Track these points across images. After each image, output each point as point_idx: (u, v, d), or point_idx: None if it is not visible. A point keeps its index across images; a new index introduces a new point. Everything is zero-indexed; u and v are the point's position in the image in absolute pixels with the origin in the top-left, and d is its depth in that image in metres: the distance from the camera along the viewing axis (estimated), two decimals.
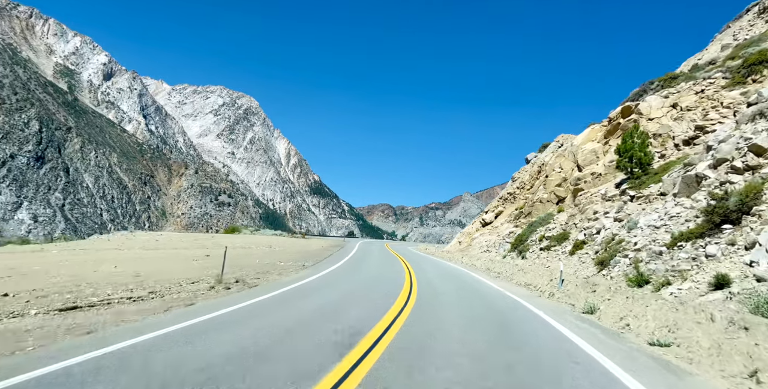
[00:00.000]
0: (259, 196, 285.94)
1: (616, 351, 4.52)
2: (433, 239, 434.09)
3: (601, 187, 15.13)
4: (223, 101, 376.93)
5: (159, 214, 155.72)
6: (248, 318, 5.38)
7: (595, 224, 12.97)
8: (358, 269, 14.19)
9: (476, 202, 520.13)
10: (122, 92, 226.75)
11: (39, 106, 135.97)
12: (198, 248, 18.77)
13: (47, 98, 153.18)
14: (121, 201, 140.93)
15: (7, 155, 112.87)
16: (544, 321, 6.31)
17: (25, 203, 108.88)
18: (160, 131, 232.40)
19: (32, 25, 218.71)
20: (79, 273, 8.67)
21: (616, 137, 17.18)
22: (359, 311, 6.27)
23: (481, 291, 10.04)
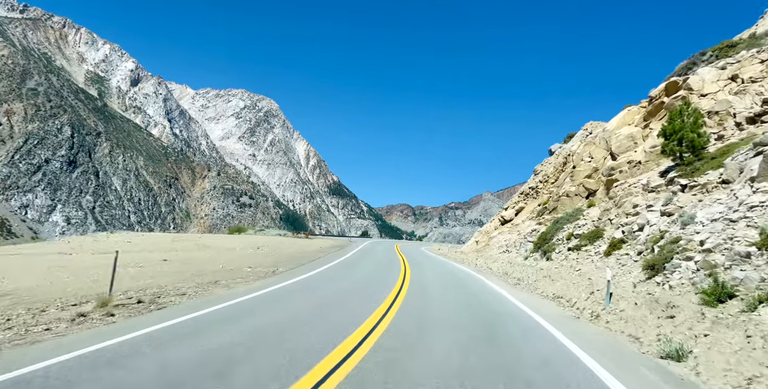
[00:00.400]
0: (279, 197, 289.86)
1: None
2: (453, 239, 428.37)
3: (642, 176, 12.98)
4: (244, 104, 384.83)
5: (183, 215, 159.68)
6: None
7: (636, 220, 11.02)
8: (340, 277, 11.40)
9: (497, 201, 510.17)
10: (148, 97, 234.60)
11: (71, 112, 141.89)
12: (165, 252, 16.01)
13: (79, 105, 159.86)
14: (147, 203, 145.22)
15: (42, 160, 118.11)
16: (601, 382, 3.64)
17: (59, 205, 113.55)
18: (184, 135, 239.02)
19: (65, 35, 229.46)
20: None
21: (658, 118, 14.91)
22: (266, 364, 3.70)
23: (494, 311, 7.40)
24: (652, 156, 13.14)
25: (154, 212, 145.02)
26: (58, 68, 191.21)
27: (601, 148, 18.73)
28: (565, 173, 22.33)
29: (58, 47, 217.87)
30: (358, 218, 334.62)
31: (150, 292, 7.58)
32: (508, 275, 13.66)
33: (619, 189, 13.60)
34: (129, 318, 5.42)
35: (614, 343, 5.21)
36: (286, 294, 8.22)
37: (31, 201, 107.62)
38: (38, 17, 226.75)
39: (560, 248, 14.31)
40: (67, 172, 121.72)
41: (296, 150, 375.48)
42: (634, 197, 12.26)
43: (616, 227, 11.79)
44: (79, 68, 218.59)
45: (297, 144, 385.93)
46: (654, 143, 13.37)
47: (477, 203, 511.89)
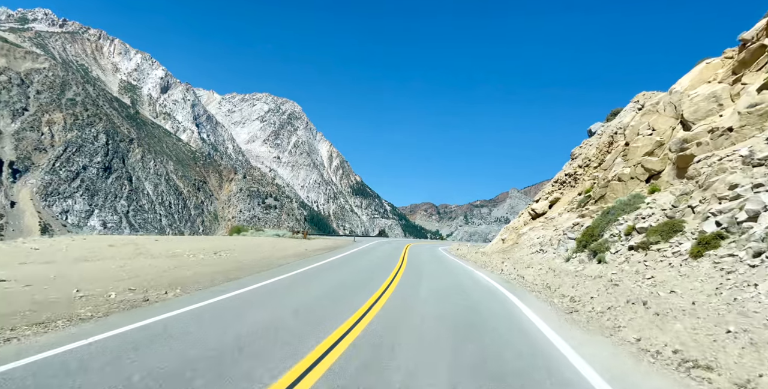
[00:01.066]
0: (303, 198, 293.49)
1: None
2: (479, 237, 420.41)
3: (738, 146, 10.13)
4: (268, 108, 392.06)
5: (212, 218, 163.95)
6: None
7: (743, 205, 8.24)
8: (257, 305, 6.90)
9: (524, 198, 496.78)
10: (177, 104, 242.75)
11: (106, 120, 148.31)
12: (57, 264, 9.72)
13: (113, 113, 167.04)
14: (177, 207, 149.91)
15: (80, 167, 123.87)
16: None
17: (96, 210, 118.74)
18: (211, 139, 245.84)
19: (101, 46, 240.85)
20: None
21: (756, 68, 12.01)
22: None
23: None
24: (752, 119, 10.42)
25: (183, 215, 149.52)
26: (94, 78, 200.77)
27: (667, 116, 14.94)
28: (613, 153, 18.39)
29: (94, 58, 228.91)
30: (381, 218, 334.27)
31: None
32: (552, 290, 9.23)
33: (703, 166, 10.87)
34: None
35: None
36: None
37: (71, 206, 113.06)
38: (76, 30, 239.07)
39: (617, 247, 11.42)
40: (103, 178, 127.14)
41: (319, 151, 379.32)
42: (729, 175, 9.46)
43: (704, 216, 9.11)
44: (113, 78, 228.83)
45: (320, 145, 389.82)
46: (753, 102, 10.64)
47: (503, 200, 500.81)
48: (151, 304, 6.61)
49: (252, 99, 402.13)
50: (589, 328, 5.85)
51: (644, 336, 5.14)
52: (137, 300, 6.88)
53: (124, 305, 6.40)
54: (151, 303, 6.71)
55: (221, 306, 6.62)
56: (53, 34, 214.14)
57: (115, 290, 7.39)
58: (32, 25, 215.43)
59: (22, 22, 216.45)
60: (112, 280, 8.36)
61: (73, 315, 5.53)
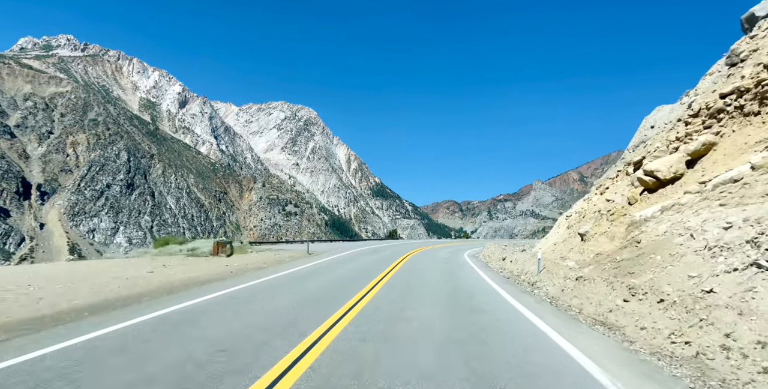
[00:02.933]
0: (324, 203, 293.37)
1: None
2: (505, 232, 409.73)
3: None
4: (284, 115, 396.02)
5: (234, 228, 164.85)
6: None
7: None
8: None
9: (549, 189, 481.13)
10: (195, 117, 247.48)
11: (127, 138, 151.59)
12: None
13: (134, 130, 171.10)
14: (199, 219, 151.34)
15: (104, 186, 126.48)
16: None
17: (121, 227, 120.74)
18: (230, 150, 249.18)
19: (120, 67, 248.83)
20: None
21: None
22: None
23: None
24: None
25: (206, 227, 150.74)
26: (115, 98, 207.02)
27: None
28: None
29: (114, 79, 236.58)
30: (403, 219, 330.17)
31: None
32: None
33: None
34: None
35: None
36: None
37: (97, 225, 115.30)
38: (96, 53, 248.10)
39: None
40: (126, 194, 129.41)
41: (337, 155, 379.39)
42: None
43: None
44: (133, 96, 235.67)
45: (337, 149, 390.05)
46: None
47: (527, 193, 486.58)
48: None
49: (268, 108, 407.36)
50: None
51: None
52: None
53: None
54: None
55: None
56: (75, 58, 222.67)
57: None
58: (56, 51, 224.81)
59: (47, 49, 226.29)
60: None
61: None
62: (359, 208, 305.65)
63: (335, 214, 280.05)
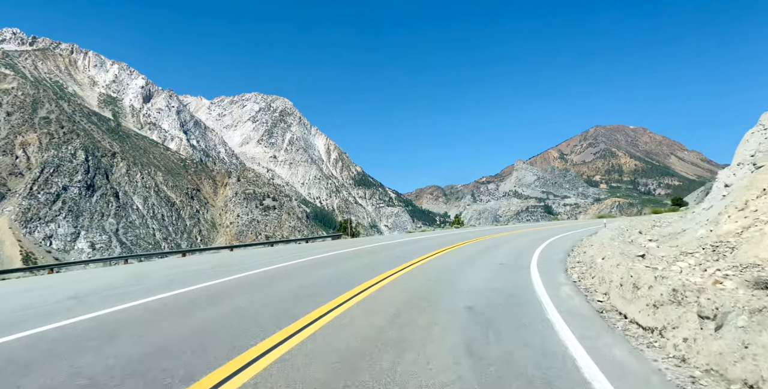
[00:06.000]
0: (305, 195, 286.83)
1: None
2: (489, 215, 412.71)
3: None
4: (258, 107, 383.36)
5: (209, 226, 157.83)
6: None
7: None
8: None
9: (531, 169, 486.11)
10: (162, 112, 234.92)
11: (84, 136, 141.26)
12: None
13: (92, 128, 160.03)
14: (171, 218, 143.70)
15: (60, 188, 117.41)
16: None
17: (82, 232, 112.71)
18: (201, 145, 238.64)
19: (74, 61, 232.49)
20: None
21: None
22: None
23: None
24: None
25: (179, 227, 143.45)
26: (71, 94, 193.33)
27: None
28: None
29: (69, 74, 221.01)
30: (387, 207, 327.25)
31: None
32: None
33: None
34: None
35: None
36: None
37: (54, 231, 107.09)
38: (47, 47, 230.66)
39: None
40: (86, 197, 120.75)
41: (316, 146, 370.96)
42: None
43: None
44: (91, 92, 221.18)
45: (316, 140, 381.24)
46: None
47: (509, 173, 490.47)
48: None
49: (241, 100, 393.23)
50: None
51: None
52: None
53: None
54: None
55: None
56: (23, 53, 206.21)
57: None
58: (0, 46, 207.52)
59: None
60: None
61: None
62: (342, 198, 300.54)
63: (317, 206, 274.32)
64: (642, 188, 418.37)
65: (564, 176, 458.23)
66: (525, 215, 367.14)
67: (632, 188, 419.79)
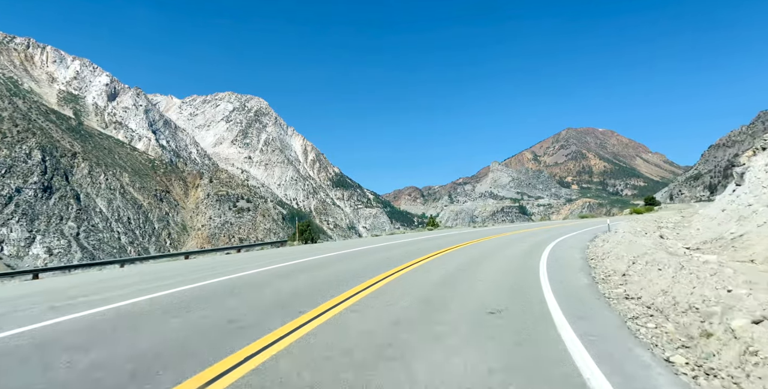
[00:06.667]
0: (281, 197, 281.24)
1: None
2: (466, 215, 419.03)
3: None
4: (233, 107, 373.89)
5: (179, 229, 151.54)
6: None
7: None
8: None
9: (506, 170, 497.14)
10: (128, 111, 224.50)
11: (41, 135, 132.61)
12: None
13: (50, 126, 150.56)
14: (138, 221, 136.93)
15: (13, 190, 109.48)
16: None
17: (38, 236, 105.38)
18: (171, 145, 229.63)
19: (31, 56, 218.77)
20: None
21: None
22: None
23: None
24: None
25: (146, 230, 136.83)
26: (26, 91, 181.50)
27: None
28: None
29: (24, 69, 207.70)
30: (365, 208, 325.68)
31: None
32: None
33: None
34: None
35: None
36: None
37: (6, 235, 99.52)
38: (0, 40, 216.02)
39: None
40: (43, 199, 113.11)
41: (292, 147, 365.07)
42: None
43: None
44: (50, 89, 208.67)
45: (292, 140, 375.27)
46: None
47: (485, 175, 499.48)
48: None
49: (214, 100, 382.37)
50: None
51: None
52: None
53: None
54: None
55: None
56: None
57: None
58: None
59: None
60: None
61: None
62: (319, 200, 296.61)
63: (294, 207, 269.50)
64: (610, 188, 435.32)
65: (537, 178, 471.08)
66: (500, 215, 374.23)
67: (601, 188, 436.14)
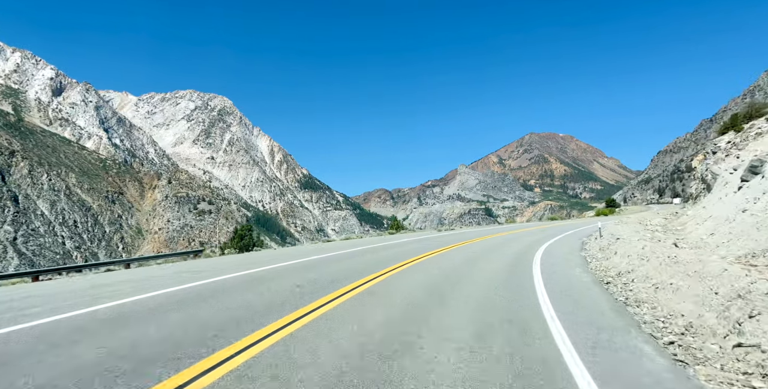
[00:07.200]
0: (246, 199, 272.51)
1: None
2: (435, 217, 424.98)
3: None
4: (194, 105, 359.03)
5: (134, 233, 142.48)
6: None
7: None
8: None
9: (473, 173, 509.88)
10: (76, 107, 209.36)
11: None
12: None
13: None
14: (86, 225, 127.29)
15: None
16: None
17: None
18: (126, 144, 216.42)
19: None
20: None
21: None
22: None
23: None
24: None
25: (95, 234, 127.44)
26: None
27: None
28: None
29: None
30: (334, 210, 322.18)
31: None
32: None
33: None
34: None
35: None
36: None
37: None
38: None
39: None
40: None
41: (258, 147, 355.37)
42: None
43: None
44: None
45: (259, 141, 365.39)
46: None
47: (453, 177, 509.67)
48: None
49: (174, 97, 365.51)
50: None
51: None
52: None
53: None
54: None
55: None
56: None
57: None
58: None
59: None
60: None
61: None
62: (286, 202, 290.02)
63: (260, 210, 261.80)
64: (570, 191, 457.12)
65: (503, 181, 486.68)
66: (467, 217, 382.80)
67: (562, 191, 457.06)
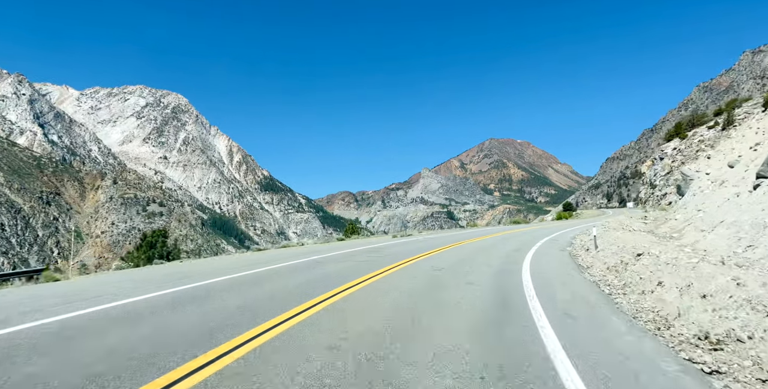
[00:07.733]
0: (202, 200, 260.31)
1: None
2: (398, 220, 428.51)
3: None
4: (145, 102, 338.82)
5: (72, 236, 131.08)
6: None
7: None
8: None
9: (435, 177, 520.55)
10: (7, 100, 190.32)
11: None
12: None
13: None
14: (15, 228, 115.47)
15: None
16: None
17: None
18: (65, 141, 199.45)
19: None
20: None
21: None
22: None
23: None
24: None
25: (27, 238, 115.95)
26: None
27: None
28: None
29: None
30: (296, 213, 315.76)
31: None
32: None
33: None
34: None
35: None
36: None
37: None
38: None
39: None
40: None
41: (216, 147, 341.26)
42: None
43: None
44: None
45: (216, 140, 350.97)
46: None
47: (416, 181, 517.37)
48: None
49: (123, 93, 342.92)
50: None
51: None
52: None
53: None
54: None
55: None
56: None
57: None
58: None
59: None
60: None
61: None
62: (246, 204, 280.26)
63: (217, 212, 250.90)
64: (527, 195, 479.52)
65: (464, 184, 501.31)
66: (430, 220, 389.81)
67: (519, 195, 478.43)
